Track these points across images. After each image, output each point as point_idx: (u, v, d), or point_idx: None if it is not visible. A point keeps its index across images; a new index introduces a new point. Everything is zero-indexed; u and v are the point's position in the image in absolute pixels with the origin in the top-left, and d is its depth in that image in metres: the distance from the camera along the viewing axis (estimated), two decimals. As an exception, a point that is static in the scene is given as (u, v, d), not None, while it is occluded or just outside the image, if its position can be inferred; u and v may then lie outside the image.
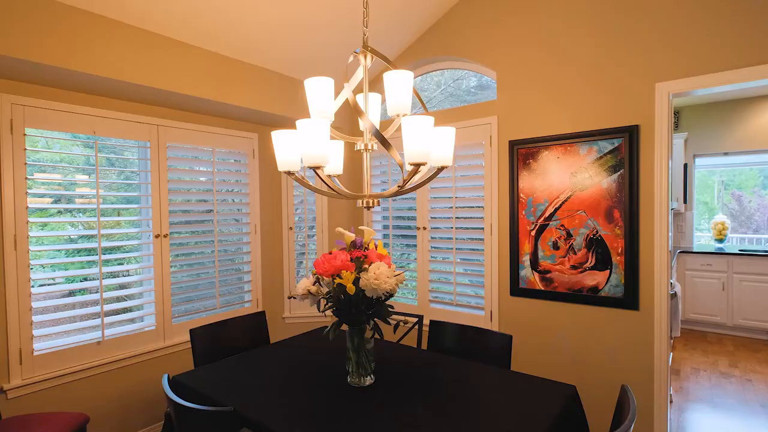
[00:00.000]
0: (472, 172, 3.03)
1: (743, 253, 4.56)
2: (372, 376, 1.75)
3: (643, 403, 2.38)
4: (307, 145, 1.33)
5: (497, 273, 2.91)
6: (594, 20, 2.50)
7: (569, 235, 2.60)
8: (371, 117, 1.74)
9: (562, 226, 2.62)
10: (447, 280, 3.17)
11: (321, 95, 1.50)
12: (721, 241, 5.25)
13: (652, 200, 2.34)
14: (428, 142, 1.37)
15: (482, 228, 2.98)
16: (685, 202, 5.14)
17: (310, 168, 1.36)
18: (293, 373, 1.85)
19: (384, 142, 1.36)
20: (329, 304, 1.67)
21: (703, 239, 5.77)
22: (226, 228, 3.22)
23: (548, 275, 2.69)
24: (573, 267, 2.59)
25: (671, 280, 2.95)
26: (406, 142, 1.36)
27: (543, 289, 2.71)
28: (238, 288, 3.29)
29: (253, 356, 2.08)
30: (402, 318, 1.71)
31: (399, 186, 1.46)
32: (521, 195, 2.79)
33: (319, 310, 1.69)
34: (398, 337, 3.19)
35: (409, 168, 1.51)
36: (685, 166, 5.09)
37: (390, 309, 1.66)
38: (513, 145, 2.81)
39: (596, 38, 2.49)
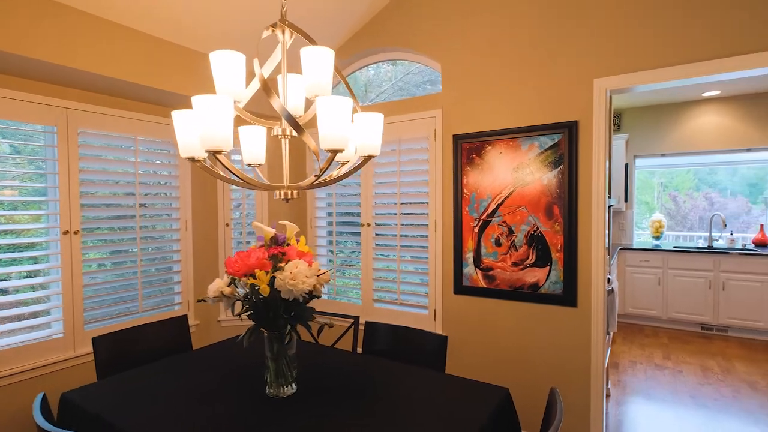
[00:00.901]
0: (416, 166, 2.93)
1: (677, 250, 4.79)
2: (294, 384, 1.60)
3: (581, 399, 2.38)
4: (204, 126, 1.16)
5: (441, 271, 2.84)
6: (535, 16, 2.47)
7: (511, 232, 2.56)
8: (294, 100, 1.59)
9: (504, 222, 2.58)
10: (391, 279, 3.06)
11: (229, 72, 1.33)
12: (658, 238, 5.50)
13: (590, 196, 2.34)
14: (346, 126, 1.24)
15: (427, 224, 2.90)
16: (625, 200, 5.34)
17: (209, 153, 1.19)
18: (206, 385, 1.67)
19: (296, 126, 1.22)
20: (245, 307, 1.50)
21: (643, 237, 6.03)
22: (152, 224, 2.95)
23: (491, 272, 2.64)
24: (514, 264, 2.56)
25: (609, 276, 2.99)
26: (321, 125, 1.22)
27: (486, 286, 2.66)
28: (167, 289, 3.02)
29: (166, 365, 1.87)
30: (328, 321, 1.57)
31: (316, 176, 1.32)
32: (465, 191, 2.72)
33: (233, 314, 1.52)
34: (334, 340, 3.05)
35: (327, 155, 1.37)
36: (626, 166, 5.29)
37: (313, 311, 1.51)
38: (457, 139, 2.74)
39: (538, 34, 2.46)
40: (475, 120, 2.69)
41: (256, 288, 1.42)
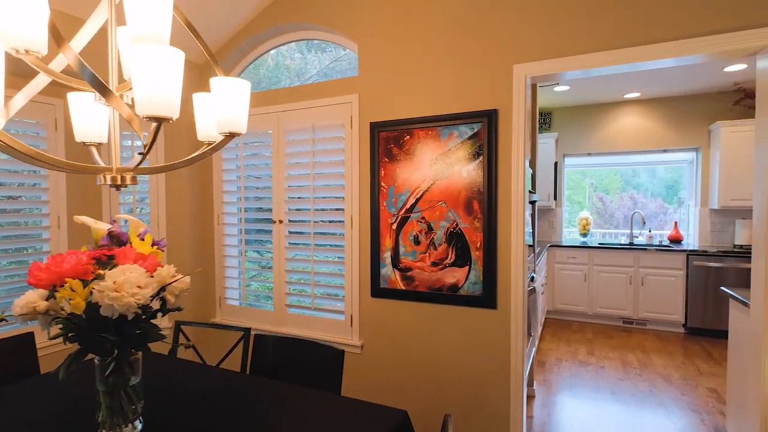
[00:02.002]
0: (332, 157, 2.66)
1: (601, 247, 4.91)
2: (139, 422, 1.26)
3: (501, 404, 2.23)
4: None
5: (358, 272, 2.58)
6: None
7: (430, 229, 2.36)
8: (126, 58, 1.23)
9: (423, 218, 2.38)
10: (306, 282, 2.76)
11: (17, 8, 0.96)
12: (585, 235, 5.64)
13: (509, 191, 2.18)
14: (174, 85, 0.93)
15: (343, 221, 2.63)
16: (555, 198, 5.42)
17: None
18: (31, 423, 1.28)
19: (99, 86, 0.89)
20: (62, 326, 1.14)
21: (574, 234, 6.19)
22: (17, 220, 2.43)
23: (409, 273, 2.42)
24: (434, 264, 2.36)
25: (533, 274, 2.90)
26: (137, 83, 0.90)
27: (404, 288, 2.44)
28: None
29: (-17, 402, 1.45)
30: (186, 343, 1.24)
31: (141, 153, 1.00)
32: (383, 184, 2.49)
33: (49, 337, 1.15)
34: (223, 357, 2.70)
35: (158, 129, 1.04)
36: (555, 164, 5.36)
37: (156, 329, 1.18)
38: (374, 127, 2.49)
39: (459, 15, 2.28)
40: (394, 107, 2.46)
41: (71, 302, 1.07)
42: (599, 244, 5.14)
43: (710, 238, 4.94)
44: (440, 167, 2.32)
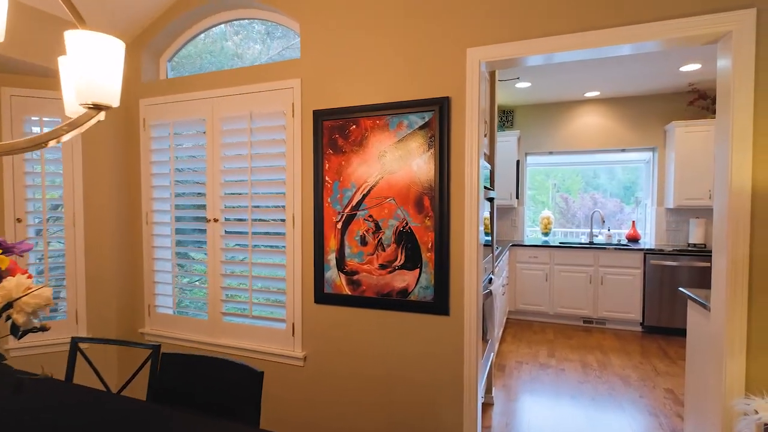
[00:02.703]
0: (272, 148, 2.39)
1: (562, 246, 4.87)
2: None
3: (454, 417, 2.04)
4: None
5: (301, 276, 2.33)
6: (406, -32, 2.07)
7: (378, 228, 2.15)
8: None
9: (371, 216, 2.16)
10: (243, 287, 2.49)
11: None
12: (546, 234, 5.61)
13: (463, 186, 2.00)
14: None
15: (284, 220, 2.37)
16: (517, 197, 5.35)
17: None
18: None
19: None
20: None
21: (537, 233, 6.17)
22: None
23: (356, 277, 2.20)
24: (382, 266, 2.14)
25: (490, 276, 2.74)
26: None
27: (350, 294, 2.22)
28: None
29: None
30: (41, 374, 0.96)
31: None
32: (327, 178, 2.25)
33: None
34: (125, 382, 2.39)
35: None
36: (518, 162, 5.29)
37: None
38: (318, 116, 2.25)
39: (408, -10, 2.07)
40: (339, 93, 2.23)
41: None
42: (560, 243, 5.11)
43: (666, 236, 5.00)
44: (389, 160, 2.11)
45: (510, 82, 4.49)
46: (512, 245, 5.06)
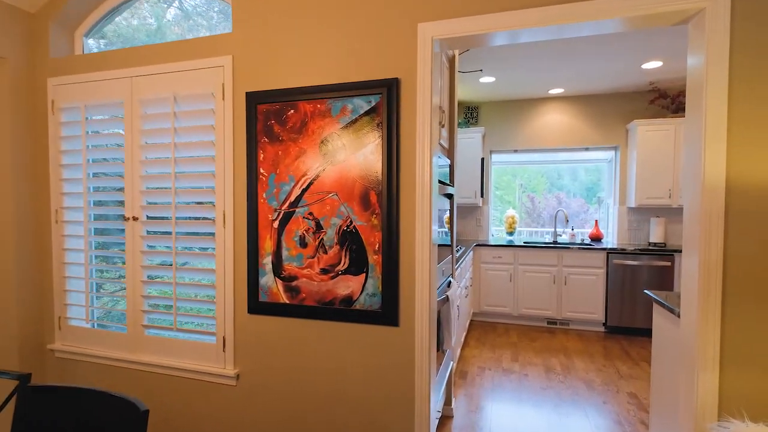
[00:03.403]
0: (199, 136, 2.08)
1: (526, 246, 4.75)
2: None
3: (405, 445, 1.81)
4: None
5: (232, 282, 2.04)
6: (350, -69, 1.82)
7: (319, 227, 1.88)
8: None
9: (311, 214, 1.89)
10: (167, 295, 2.16)
11: None
12: (511, 233, 5.50)
13: (414, 180, 1.77)
14: None
15: (213, 218, 2.07)
16: (482, 196, 5.20)
17: None
18: None
19: None
20: None
21: (503, 233, 6.07)
22: None
23: (294, 283, 1.93)
24: (324, 271, 1.88)
25: (449, 278, 2.53)
26: None
27: (288, 302, 1.94)
28: None
29: None
30: None
31: None
32: (261, 171, 1.97)
33: None
34: None
35: None
36: (482, 160, 5.15)
37: None
38: (252, 99, 1.96)
39: (353, -43, 1.82)
40: (276, 74, 1.95)
41: None
42: (525, 242, 5.00)
43: (628, 236, 4.99)
44: (331, 150, 1.85)
45: (473, 77, 4.32)
46: (476, 245, 4.91)
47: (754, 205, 1.41)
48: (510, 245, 4.82)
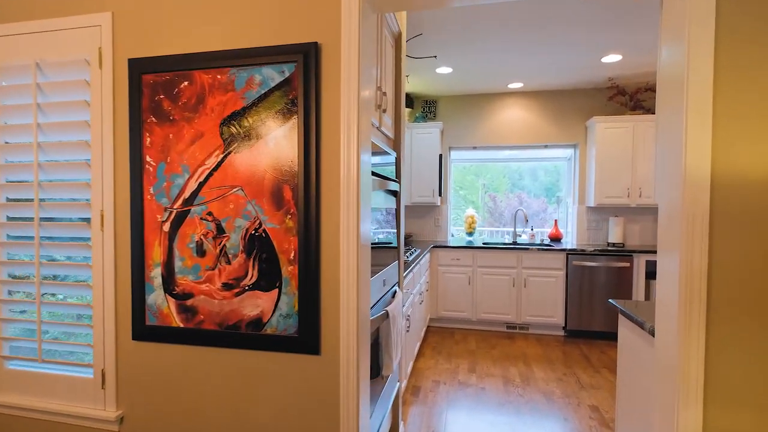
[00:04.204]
0: (68, 114, 1.63)
1: (485, 247, 4.52)
2: None
3: (329, 501, 1.45)
4: None
5: (113, 300, 1.61)
6: None
7: (221, 231, 1.49)
8: None
9: (210, 214, 1.50)
10: (30, 317, 1.70)
11: None
12: (471, 234, 5.27)
13: (338, 170, 1.41)
14: None
15: (88, 219, 1.63)
16: (440, 194, 4.93)
17: None
18: None
19: None
20: None
21: (463, 233, 5.84)
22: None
23: (190, 302, 1.53)
24: (227, 286, 1.49)
25: (395, 288, 2.20)
26: None
27: (183, 326, 1.54)
28: None
29: None
30: None
31: None
32: (148, 158, 1.55)
33: None
34: None
35: None
36: (441, 156, 4.87)
37: None
38: (136, 67, 1.54)
39: None
40: (167, 36, 1.54)
41: None
42: (484, 243, 4.77)
43: (587, 236, 4.86)
44: (236, 133, 1.46)
45: (429, 67, 4.02)
46: (434, 247, 4.62)
47: (745, 201, 1.15)
48: (469, 246, 4.56)
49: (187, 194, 1.51)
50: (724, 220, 1.16)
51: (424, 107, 5.14)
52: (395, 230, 2.31)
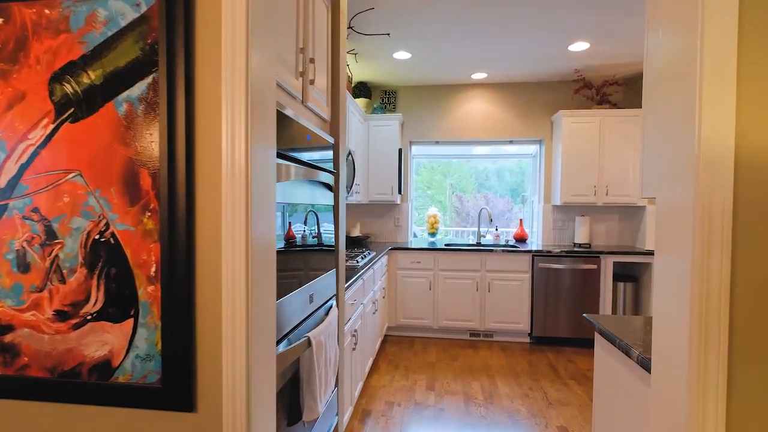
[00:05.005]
0: None
1: (447, 249, 4.18)
2: None
3: None
4: None
5: None
6: None
7: (52, 235, 1.03)
8: None
9: (37, 211, 1.04)
10: None
11: None
12: (434, 235, 4.93)
13: (219, 145, 0.99)
14: None
15: None
16: (400, 192, 4.56)
17: None
18: None
19: None
20: None
21: (426, 234, 5.52)
22: None
23: (9, 337, 1.06)
24: (61, 315, 1.04)
25: (331, 302, 1.79)
26: None
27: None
28: None
29: None
30: None
31: None
32: (-54, 131, 1.07)
33: None
34: None
35: None
36: (400, 151, 4.50)
37: None
38: (-72, -3, 1.06)
39: None
40: (-24, -47, 1.06)
41: None
42: (446, 245, 4.44)
43: (553, 236, 4.63)
44: (72, 94, 1.01)
45: (386, 52, 3.64)
46: (391, 249, 4.24)
47: (780, 192, 0.82)
48: (430, 248, 4.21)
49: (2, 182, 1.04)
50: (751, 214, 0.83)
51: (383, 98, 4.76)
52: (333, 231, 1.90)
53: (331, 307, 1.81)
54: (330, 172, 1.86)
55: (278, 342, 1.26)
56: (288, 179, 1.29)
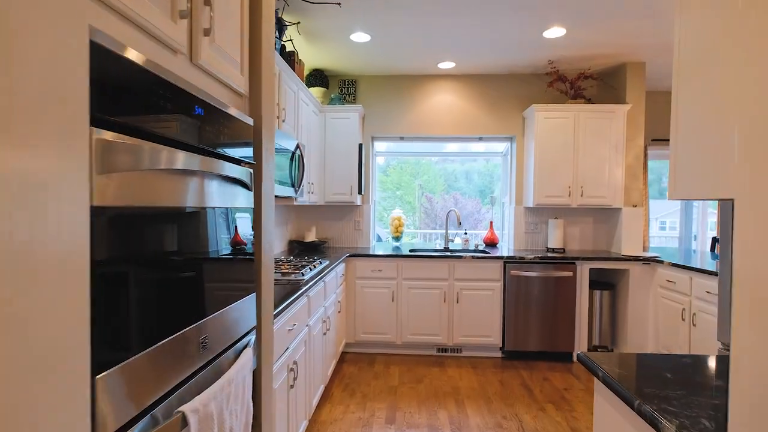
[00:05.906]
0: None
1: (412, 255, 3.76)
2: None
3: None
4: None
5: None
6: None
7: None
8: None
9: None
10: None
11: None
12: (398, 239, 4.51)
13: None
14: None
15: None
16: (360, 192, 4.10)
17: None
18: None
19: None
20: None
21: (390, 238, 5.08)
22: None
23: None
24: None
25: (247, 340, 1.30)
26: None
27: None
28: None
29: None
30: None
31: None
32: None
33: None
34: None
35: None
36: (361, 147, 4.05)
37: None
38: None
39: None
40: None
41: None
42: (411, 251, 4.02)
43: (525, 240, 4.30)
44: None
45: (340, 34, 3.18)
46: (349, 256, 3.78)
47: None
48: (392, 255, 3.78)
49: None
50: None
51: (342, 87, 4.29)
52: (250, 242, 1.42)
53: (246, 346, 1.33)
54: (246, 163, 1.38)
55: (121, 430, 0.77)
56: (138, 168, 0.80)
